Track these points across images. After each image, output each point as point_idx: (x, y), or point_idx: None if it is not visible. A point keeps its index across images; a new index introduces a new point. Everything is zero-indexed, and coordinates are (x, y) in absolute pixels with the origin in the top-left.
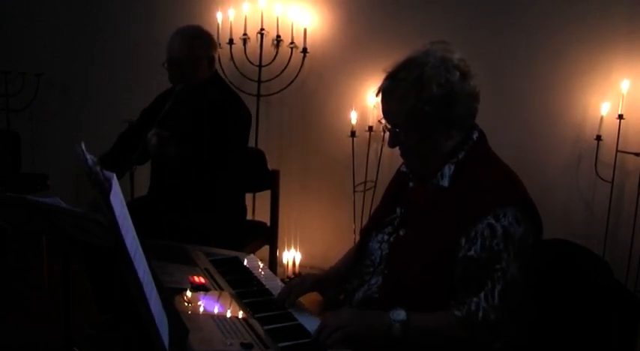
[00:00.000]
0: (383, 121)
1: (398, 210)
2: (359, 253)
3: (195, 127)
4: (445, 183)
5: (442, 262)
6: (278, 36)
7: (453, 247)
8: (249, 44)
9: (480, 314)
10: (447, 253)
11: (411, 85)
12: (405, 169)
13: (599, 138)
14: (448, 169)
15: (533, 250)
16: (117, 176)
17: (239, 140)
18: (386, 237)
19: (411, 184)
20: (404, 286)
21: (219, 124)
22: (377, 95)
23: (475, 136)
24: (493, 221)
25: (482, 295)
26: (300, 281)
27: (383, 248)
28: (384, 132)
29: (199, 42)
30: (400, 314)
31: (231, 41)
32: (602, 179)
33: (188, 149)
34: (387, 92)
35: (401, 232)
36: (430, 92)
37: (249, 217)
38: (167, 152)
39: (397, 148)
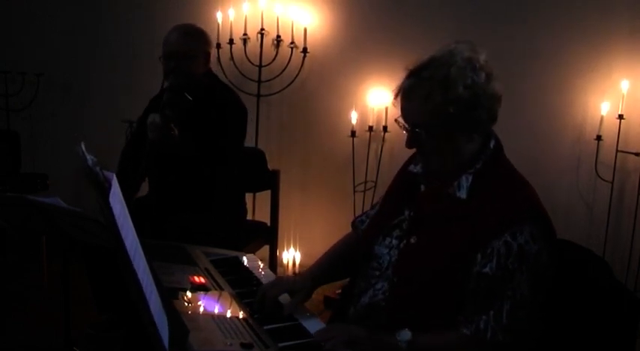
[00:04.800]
0: (400, 120)
1: (406, 213)
2: (363, 255)
3: (196, 116)
4: (463, 195)
5: (453, 274)
6: (278, 36)
7: (466, 260)
8: (249, 44)
9: (489, 334)
10: (459, 265)
11: (437, 85)
12: (414, 170)
13: (599, 138)
14: (466, 180)
15: (547, 268)
16: (131, 191)
17: (237, 132)
18: (395, 242)
19: (422, 186)
20: (412, 294)
21: (219, 114)
22: (397, 94)
23: (492, 144)
24: (510, 239)
25: (491, 313)
26: (273, 284)
27: (392, 254)
28: (385, 132)
29: (197, 37)
30: (406, 335)
31: (231, 41)
32: (602, 179)
33: (189, 138)
34: (409, 91)
35: (412, 240)
36: (456, 93)
37: (249, 217)
38: (170, 133)
39: (407, 148)
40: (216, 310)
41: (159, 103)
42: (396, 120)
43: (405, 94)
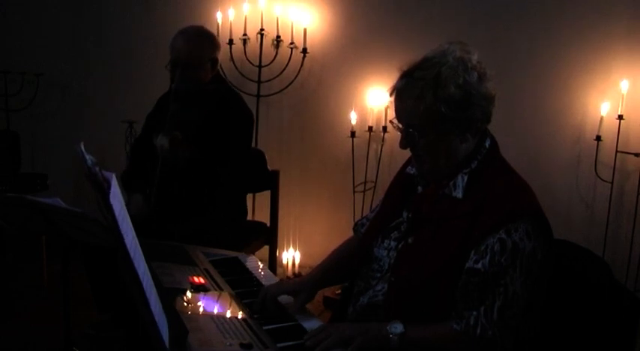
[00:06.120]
0: (394, 121)
1: (405, 214)
2: (363, 257)
3: (204, 128)
4: (459, 194)
5: (450, 273)
6: (278, 36)
7: (462, 258)
8: (249, 44)
9: (478, 330)
10: (455, 263)
11: (428, 85)
12: (411, 171)
13: (598, 138)
14: (461, 180)
15: (542, 266)
16: (146, 189)
17: (242, 139)
18: (393, 243)
19: (419, 188)
20: (410, 294)
21: (224, 122)
22: (391, 94)
23: (488, 143)
24: (505, 236)
25: (482, 309)
26: (275, 286)
27: (391, 256)
28: (384, 132)
29: (203, 44)
30: (398, 327)
31: (231, 41)
32: (602, 180)
33: (197, 151)
34: (402, 91)
35: (409, 240)
36: (448, 92)
37: (248, 217)
38: (180, 155)
39: (401, 149)
40: (216, 310)
41: (167, 102)
42: (390, 121)
43: (398, 95)
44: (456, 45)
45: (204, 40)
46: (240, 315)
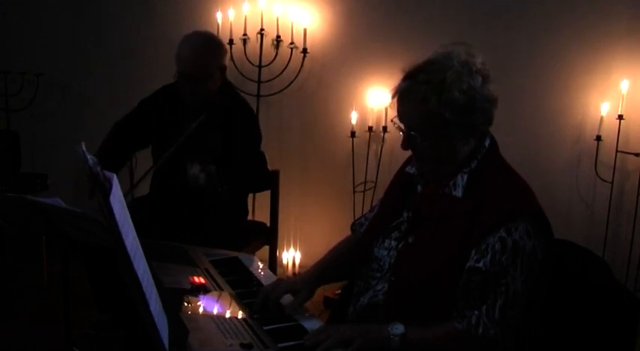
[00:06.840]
0: (396, 121)
1: (405, 214)
2: (362, 256)
3: (225, 144)
4: (459, 194)
5: (450, 272)
6: (278, 36)
7: (462, 257)
8: (248, 44)
9: (480, 329)
10: (455, 263)
11: (432, 89)
12: (411, 170)
13: (599, 138)
14: (461, 179)
15: (542, 265)
16: (114, 167)
17: (249, 145)
18: (394, 243)
19: (419, 187)
20: (410, 294)
21: (230, 132)
22: (393, 96)
23: (487, 143)
24: (505, 235)
25: (483, 308)
26: (274, 286)
27: (392, 256)
28: (384, 132)
29: (211, 54)
30: (399, 328)
31: (231, 41)
32: (602, 180)
33: (224, 171)
34: (405, 93)
35: (410, 240)
36: (452, 97)
37: (249, 217)
38: (212, 183)
39: (403, 150)
40: (216, 310)
41: (169, 100)
42: (392, 120)
43: (401, 97)
44: (461, 47)
45: (210, 50)
46: (240, 315)
